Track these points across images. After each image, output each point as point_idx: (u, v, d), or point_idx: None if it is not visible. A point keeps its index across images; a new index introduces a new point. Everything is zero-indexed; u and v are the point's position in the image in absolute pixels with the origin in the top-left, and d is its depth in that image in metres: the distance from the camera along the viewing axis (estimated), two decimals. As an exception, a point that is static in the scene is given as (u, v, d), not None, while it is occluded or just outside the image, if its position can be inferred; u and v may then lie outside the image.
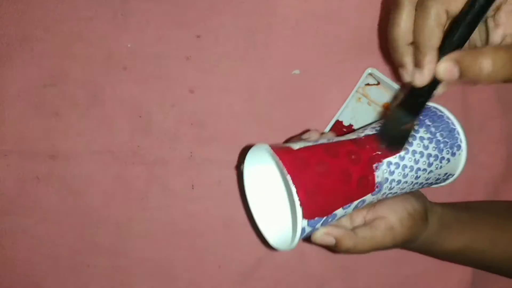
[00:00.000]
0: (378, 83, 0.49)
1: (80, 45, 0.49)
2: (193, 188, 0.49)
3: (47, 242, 0.49)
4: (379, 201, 0.38)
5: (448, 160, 0.40)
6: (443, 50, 0.32)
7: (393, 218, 0.37)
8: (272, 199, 0.40)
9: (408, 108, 0.35)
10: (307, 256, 0.50)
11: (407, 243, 0.39)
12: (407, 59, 0.34)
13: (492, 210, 0.46)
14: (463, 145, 0.40)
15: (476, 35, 0.35)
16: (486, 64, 0.30)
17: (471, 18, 0.30)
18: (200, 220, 0.49)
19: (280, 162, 0.33)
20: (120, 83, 0.49)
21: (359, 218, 0.39)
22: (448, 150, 0.40)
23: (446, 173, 0.41)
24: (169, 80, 0.49)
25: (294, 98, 0.49)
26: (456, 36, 0.31)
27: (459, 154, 0.40)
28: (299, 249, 0.46)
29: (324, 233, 0.35)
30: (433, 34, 0.31)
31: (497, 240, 0.42)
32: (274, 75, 0.49)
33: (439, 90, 0.34)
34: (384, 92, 0.49)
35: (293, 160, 0.34)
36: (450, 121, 0.41)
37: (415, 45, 0.33)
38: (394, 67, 0.36)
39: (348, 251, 0.36)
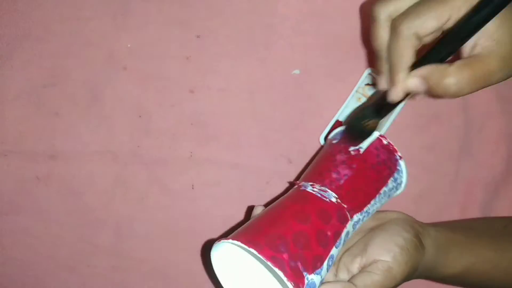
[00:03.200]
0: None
1: (80, 45, 0.49)
2: (193, 188, 0.49)
3: (47, 242, 0.49)
4: (370, 241, 0.38)
5: (394, 181, 0.41)
6: (422, 63, 0.33)
7: (388, 258, 0.36)
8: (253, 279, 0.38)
9: (376, 109, 0.37)
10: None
11: (409, 277, 0.38)
12: (384, 67, 0.36)
13: (489, 230, 0.45)
14: (401, 162, 0.41)
15: None
16: (451, 83, 0.32)
17: (456, 40, 0.32)
18: (200, 220, 0.49)
19: (256, 253, 0.32)
20: (120, 83, 0.49)
21: (355, 266, 0.38)
22: (393, 179, 0.41)
23: (394, 187, 0.41)
24: (169, 80, 0.49)
25: (294, 98, 0.49)
26: (435, 53, 0.33)
27: (400, 172, 0.41)
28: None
29: None
30: (404, 56, 0.33)
31: (498, 262, 0.42)
32: (274, 75, 0.49)
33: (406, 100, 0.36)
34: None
35: (268, 243, 0.33)
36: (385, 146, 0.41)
37: (390, 64, 0.35)
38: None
39: None
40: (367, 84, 0.49)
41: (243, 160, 0.49)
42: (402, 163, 0.41)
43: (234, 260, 0.37)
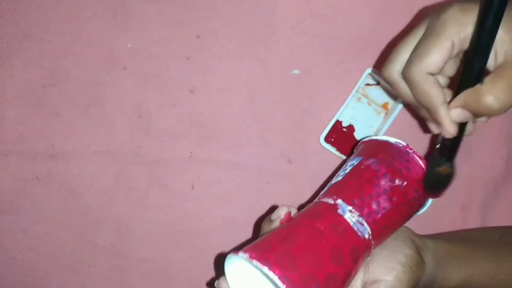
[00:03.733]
0: (378, 83, 0.49)
1: (80, 45, 0.49)
2: (193, 188, 0.49)
3: (47, 242, 0.49)
4: (372, 258, 0.37)
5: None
6: (461, 88, 0.33)
7: (390, 278, 0.36)
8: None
9: (444, 154, 0.37)
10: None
11: None
12: (427, 116, 0.37)
13: (486, 241, 0.45)
14: (430, 200, 0.40)
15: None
16: (490, 100, 0.31)
17: (479, 54, 0.32)
18: (200, 220, 0.49)
19: (266, 270, 0.30)
20: (120, 83, 0.49)
21: (358, 284, 0.37)
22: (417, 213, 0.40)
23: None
24: (169, 80, 0.49)
25: (294, 98, 0.49)
26: (466, 77, 0.33)
27: (424, 207, 0.40)
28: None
29: None
30: (431, 96, 0.34)
31: (495, 273, 0.42)
32: (274, 75, 0.49)
33: (470, 127, 0.37)
34: (384, 92, 0.49)
35: (278, 260, 0.31)
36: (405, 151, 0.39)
37: (426, 109, 0.35)
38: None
39: None
40: (367, 84, 0.49)
41: (243, 160, 0.49)
42: (431, 201, 0.41)
43: (249, 275, 0.35)
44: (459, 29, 0.32)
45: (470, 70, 0.32)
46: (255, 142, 0.49)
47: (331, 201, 0.36)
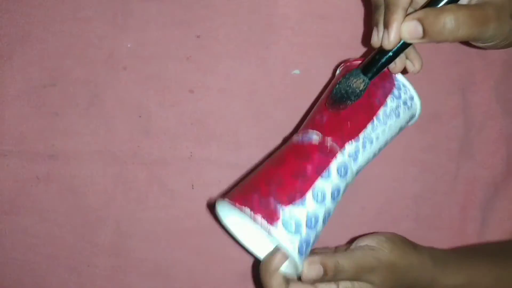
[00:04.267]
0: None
1: (80, 45, 0.49)
2: (193, 188, 0.49)
3: (47, 242, 0.49)
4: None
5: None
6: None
7: (372, 243, 0.38)
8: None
9: (366, 70, 0.36)
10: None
11: (400, 274, 0.38)
12: (380, 19, 0.35)
13: (486, 248, 0.45)
14: (398, 76, 0.39)
15: None
16: (448, 20, 0.31)
17: None
18: (200, 220, 0.49)
19: (229, 202, 0.34)
20: (120, 83, 0.49)
21: None
22: (392, 96, 0.39)
23: (401, 104, 0.40)
24: (169, 80, 0.49)
25: (294, 98, 0.49)
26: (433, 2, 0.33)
27: (400, 86, 0.39)
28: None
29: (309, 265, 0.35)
30: None
31: (498, 277, 0.41)
32: (274, 75, 0.49)
33: (399, 62, 0.36)
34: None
35: (241, 192, 0.35)
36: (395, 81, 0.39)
37: (386, 5, 0.34)
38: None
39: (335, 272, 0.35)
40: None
41: (243, 160, 0.49)
42: (399, 77, 0.39)
43: (235, 216, 0.38)
44: None
45: None
46: (255, 142, 0.49)
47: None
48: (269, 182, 0.34)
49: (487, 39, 0.33)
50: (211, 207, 0.38)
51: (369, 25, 0.49)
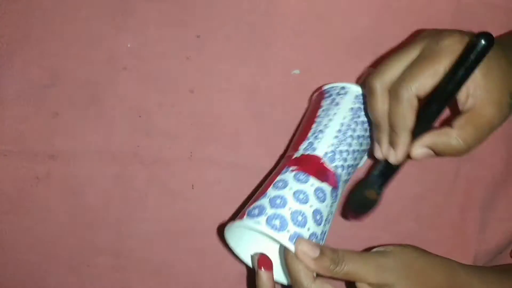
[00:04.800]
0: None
1: (80, 45, 0.49)
2: (193, 188, 0.49)
3: (47, 242, 0.49)
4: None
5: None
6: (417, 127, 0.35)
7: (380, 248, 0.38)
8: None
9: (376, 181, 0.38)
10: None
11: (422, 277, 0.37)
12: (383, 138, 0.37)
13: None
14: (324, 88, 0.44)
15: None
16: (459, 144, 0.34)
17: (442, 99, 0.34)
18: (200, 220, 0.49)
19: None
20: (120, 83, 0.49)
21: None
22: (325, 100, 0.43)
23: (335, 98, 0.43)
24: (169, 80, 0.49)
25: (294, 98, 0.49)
26: (429, 114, 0.35)
27: (328, 89, 0.44)
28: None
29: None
30: (406, 118, 0.35)
31: None
32: (274, 75, 0.49)
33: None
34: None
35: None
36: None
37: (391, 127, 0.36)
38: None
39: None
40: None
41: (243, 160, 0.49)
42: (325, 87, 0.43)
43: (246, 236, 0.41)
44: (453, 59, 0.33)
45: (436, 104, 0.34)
46: (255, 142, 0.49)
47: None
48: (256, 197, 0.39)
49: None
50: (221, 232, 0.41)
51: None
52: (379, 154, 0.38)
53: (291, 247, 0.34)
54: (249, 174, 0.49)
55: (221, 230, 0.44)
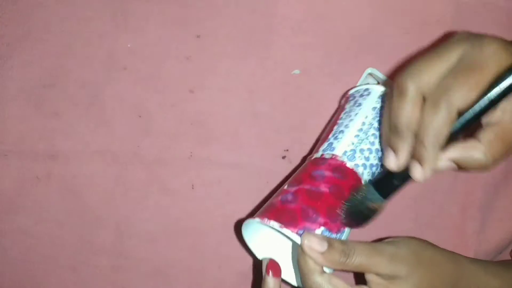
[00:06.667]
0: (378, 83, 0.49)
1: (80, 45, 0.49)
2: (193, 188, 0.49)
3: (47, 242, 0.49)
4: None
5: None
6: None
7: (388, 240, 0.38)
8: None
9: (381, 189, 0.35)
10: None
11: (432, 266, 0.36)
12: (403, 146, 0.33)
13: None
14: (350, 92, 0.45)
15: None
16: (485, 161, 0.32)
17: (474, 115, 0.31)
18: (200, 220, 0.49)
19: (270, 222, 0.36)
20: (120, 83, 0.49)
21: None
22: (350, 105, 0.44)
23: (358, 99, 0.43)
24: (169, 80, 0.49)
25: (294, 98, 0.49)
26: (459, 130, 0.32)
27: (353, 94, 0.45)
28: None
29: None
30: (442, 133, 0.31)
31: None
32: (274, 75, 0.49)
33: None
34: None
35: (280, 215, 0.36)
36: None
37: (419, 138, 0.32)
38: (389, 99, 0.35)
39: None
40: (367, 84, 0.49)
41: (243, 160, 0.49)
42: (351, 91, 0.44)
43: (262, 233, 0.42)
44: (499, 70, 0.30)
45: (468, 120, 0.31)
46: (255, 142, 0.49)
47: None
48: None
49: None
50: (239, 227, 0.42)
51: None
52: (392, 164, 0.34)
53: (298, 240, 0.34)
54: (249, 174, 0.49)
55: (238, 226, 0.46)
